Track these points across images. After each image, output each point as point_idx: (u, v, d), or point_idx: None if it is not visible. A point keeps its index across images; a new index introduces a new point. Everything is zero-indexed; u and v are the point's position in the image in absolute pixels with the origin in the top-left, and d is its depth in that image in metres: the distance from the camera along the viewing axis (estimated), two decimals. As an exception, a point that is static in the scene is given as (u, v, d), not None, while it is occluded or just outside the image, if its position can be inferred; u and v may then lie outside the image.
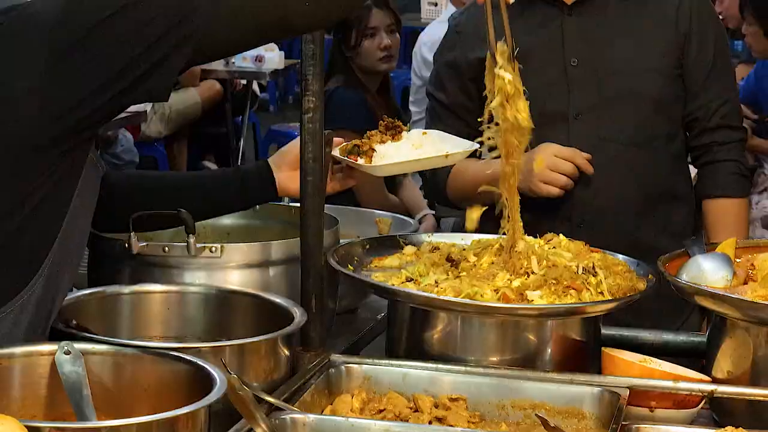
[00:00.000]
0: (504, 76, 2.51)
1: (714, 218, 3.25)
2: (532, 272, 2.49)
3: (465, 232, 2.86)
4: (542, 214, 3.23)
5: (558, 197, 3.13)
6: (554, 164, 3.08)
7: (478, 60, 3.17)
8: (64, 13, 2.09)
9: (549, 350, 2.47)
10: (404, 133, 2.79)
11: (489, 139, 2.60)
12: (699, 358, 2.61)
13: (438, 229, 5.27)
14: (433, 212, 5.32)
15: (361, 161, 2.69)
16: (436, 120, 3.36)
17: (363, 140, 2.73)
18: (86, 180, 2.24)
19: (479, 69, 3.16)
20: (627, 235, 3.11)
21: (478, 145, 2.74)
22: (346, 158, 2.71)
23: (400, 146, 2.76)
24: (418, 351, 2.50)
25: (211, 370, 2.07)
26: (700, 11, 3.25)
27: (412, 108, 6.86)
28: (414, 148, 2.76)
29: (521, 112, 2.54)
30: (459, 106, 3.32)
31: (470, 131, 3.29)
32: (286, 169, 2.69)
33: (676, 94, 3.24)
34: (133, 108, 7.19)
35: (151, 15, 2.09)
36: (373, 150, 2.69)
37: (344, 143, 2.75)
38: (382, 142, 2.73)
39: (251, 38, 2.23)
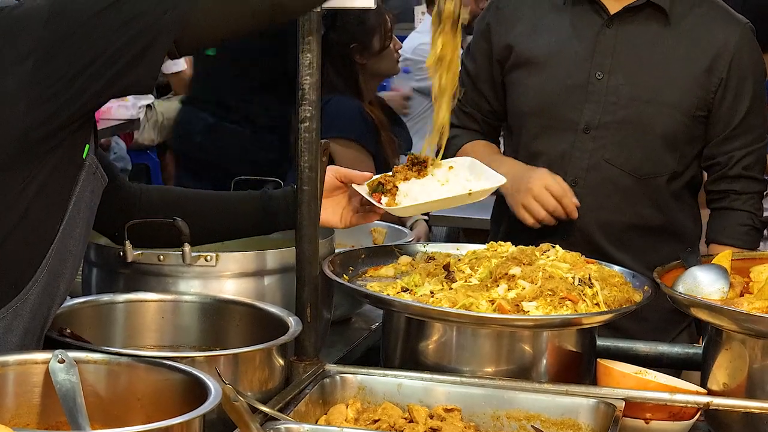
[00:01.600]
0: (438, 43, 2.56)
1: None
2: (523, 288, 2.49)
3: (459, 241, 2.86)
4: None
5: (532, 227, 3.12)
6: (540, 196, 3.06)
7: (506, 47, 3.20)
8: (49, 18, 2.10)
9: (544, 361, 2.47)
10: (430, 168, 2.72)
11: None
12: (695, 370, 2.61)
13: (431, 235, 5.26)
14: (426, 218, 5.32)
15: (384, 200, 2.66)
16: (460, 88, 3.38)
17: (387, 177, 2.68)
18: (84, 189, 2.23)
19: (506, 55, 3.18)
20: (608, 258, 3.08)
21: (505, 180, 2.71)
22: (369, 197, 2.66)
23: (425, 183, 2.70)
24: (413, 361, 2.50)
25: (206, 380, 2.06)
26: (742, 59, 3.15)
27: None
28: (440, 185, 2.70)
29: (443, 77, 2.58)
30: (482, 80, 3.31)
31: (489, 108, 3.32)
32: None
33: (691, 135, 3.17)
34: (126, 115, 7.21)
35: (139, 9, 2.12)
36: (397, 188, 2.66)
37: (371, 179, 2.70)
38: (406, 179, 2.68)
39: (241, 24, 2.23)
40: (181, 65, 7.97)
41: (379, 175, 2.73)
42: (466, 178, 2.72)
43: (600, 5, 3.17)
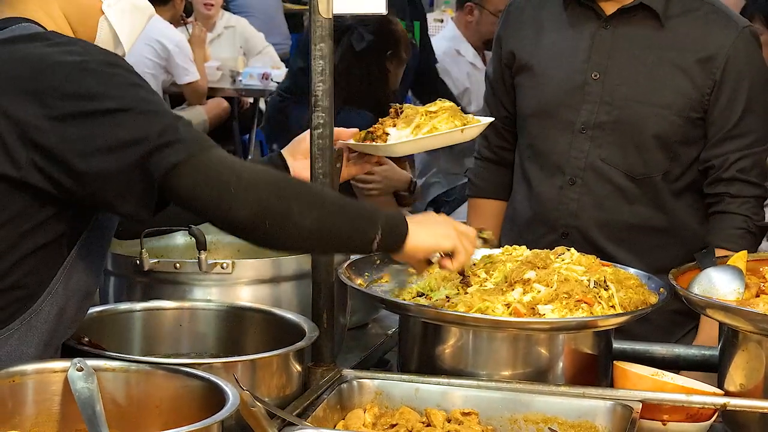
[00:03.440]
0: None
1: None
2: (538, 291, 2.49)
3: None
4: (534, 220, 3.26)
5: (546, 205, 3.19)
6: None
7: (511, 52, 3.27)
8: (69, 92, 2.08)
9: (561, 364, 2.47)
10: (408, 110, 2.68)
11: None
12: (712, 372, 2.61)
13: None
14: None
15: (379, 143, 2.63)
16: (485, 96, 3.46)
17: (375, 126, 2.68)
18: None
19: (511, 59, 3.27)
20: (608, 257, 3.09)
21: (493, 118, 2.74)
22: (362, 144, 2.64)
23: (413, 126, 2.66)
24: (429, 366, 2.50)
25: (224, 386, 2.08)
26: (738, 61, 3.14)
27: None
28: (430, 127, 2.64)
29: None
30: (498, 84, 3.38)
31: (506, 113, 3.39)
32: (300, 158, 2.65)
33: (686, 136, 3.17)
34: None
35: (135, 130, 2.08)
36: (387, 134, 2.64)
37: (357, 133, 2.69)
38: (394, 125, 2.67)
39: (211, 214, 2.14)
40: (194, 75, 8.00)
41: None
42: (453, 122, 2.67)
43: (596, 7, 3.20)
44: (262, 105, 9.08)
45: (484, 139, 3.43)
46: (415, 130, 2.61)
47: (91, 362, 2.14)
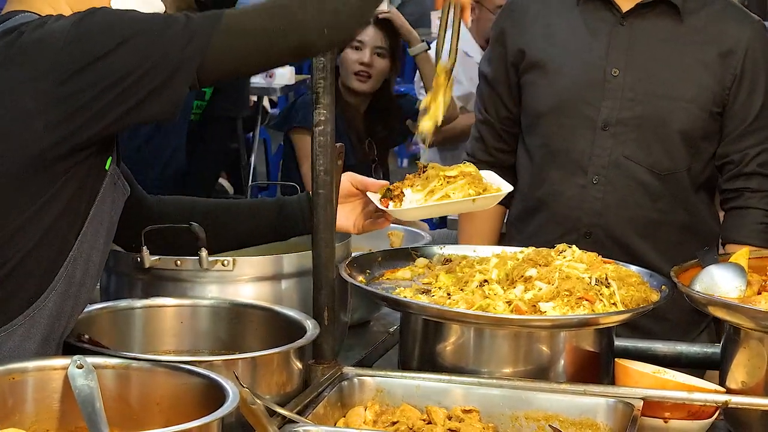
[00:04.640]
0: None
1: None
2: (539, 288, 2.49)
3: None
4: (551, 221, 3.24)
5: (567, 205, 3.15)
6: None
7: (520, 50, 3.22)
8: (69, 40, 2.12)
9: (562, 362, 2.47)
10: (430, 171, 2.70)
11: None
12: (713, 369, 2.61)
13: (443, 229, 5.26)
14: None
15: (392, 205, 2.67)
16: (479, 96, 3.41)
17: (396, 184, 2.69)
18: (105, 199, 2.24)
19: (520, 57, 3.20)
20: (633, 255, 3.08)
21: (511, 188, 2.72)
22: (377, 202, 2.68)
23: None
24: (430, 363, 2.50)
25: (224, 383, 2.07)
26: (756, 55, 3.16)
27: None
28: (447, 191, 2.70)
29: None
30: (500, 85, 3.33)
31: (507, 114, 3.34)
32: None
33: (707, 131, 3.17)
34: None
35: (160, 40, 2.13)
36: (403, 194, 2.67)
37: (383, 187, 2.73)
38: (413, 185, 2.69)
39: (262, 61, 2.23)
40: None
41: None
42: (468, 191, 2.70)
43: (612, 3, 3.18)
44: (265, 103, 9.08)
45: (480, 140, 3.39)
46: (427, 195, 2.64)
47: (92, 359, 2.14)
